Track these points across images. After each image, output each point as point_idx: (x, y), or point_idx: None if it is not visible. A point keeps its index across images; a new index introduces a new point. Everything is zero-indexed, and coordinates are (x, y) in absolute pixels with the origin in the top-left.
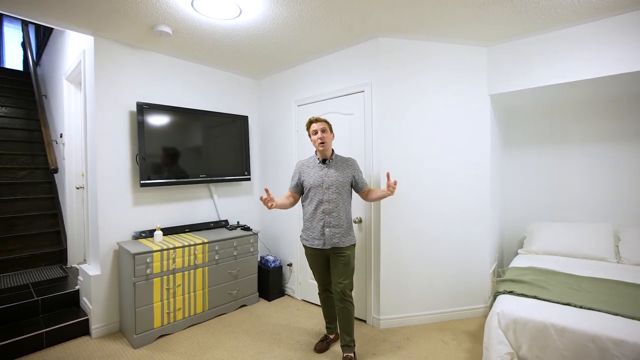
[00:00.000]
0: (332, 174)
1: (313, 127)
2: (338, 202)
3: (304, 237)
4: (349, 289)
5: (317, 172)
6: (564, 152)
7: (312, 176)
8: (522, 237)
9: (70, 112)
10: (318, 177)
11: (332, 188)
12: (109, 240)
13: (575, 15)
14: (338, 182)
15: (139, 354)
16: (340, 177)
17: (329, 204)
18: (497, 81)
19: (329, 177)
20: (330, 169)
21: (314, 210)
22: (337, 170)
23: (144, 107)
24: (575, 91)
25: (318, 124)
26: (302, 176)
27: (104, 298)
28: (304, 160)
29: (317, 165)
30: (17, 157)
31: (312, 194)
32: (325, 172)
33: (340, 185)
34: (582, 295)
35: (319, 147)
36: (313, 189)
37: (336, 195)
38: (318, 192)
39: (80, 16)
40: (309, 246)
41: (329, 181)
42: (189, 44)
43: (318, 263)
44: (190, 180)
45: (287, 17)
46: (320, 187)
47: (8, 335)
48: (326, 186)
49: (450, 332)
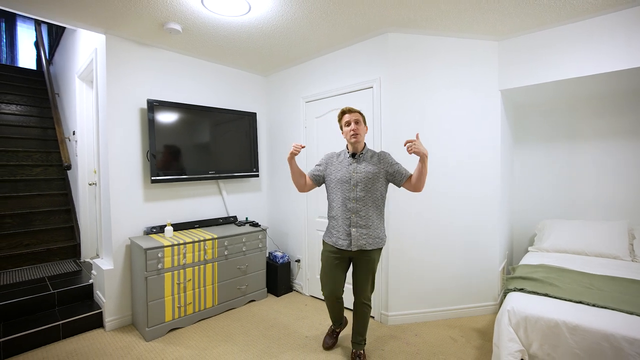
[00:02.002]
0: (362, 169)
1: (346, 118)
2: (367, 200)
3: (328, 233)
4: (371, 293)
5: (345, 166)
6: (576, 148)
7: (340, 170)
8: (533, 234)
9: (82, 110)
10: (346, 172)
11: (361, 185)
12: (121, 236)
13: (591, 7)
14: (367, 178)
15: (151, 347)
16: (370, 174)
17: (357, 202)
18: (508, 76)
19: (357, 172)
20: (361, 164)
21: (340, 207)
22: (367, 166)
23: (154, 104)
24: (588, 86)
25: (352, 114)
26: (328, 168)
27: (116, 292)
28: (335, 152)
29: (346, 159)
30: (32, 154)
31: (338, 190)
32: (354, 168)
33: (370, 182)
34: (595, 294)
35: (351, 139)
36: (340, 184)
37: (364, 192)
38: (345, 188)
39: (92, 15)
40: (331, 244)
41: (358, 177)
42: (198, 41)
43: (336, 266)
44: (200, 176)
45: (296, 14)
46: (347, 183)
47: (27, 327)
48: (354, 182)
49: (459, 329)
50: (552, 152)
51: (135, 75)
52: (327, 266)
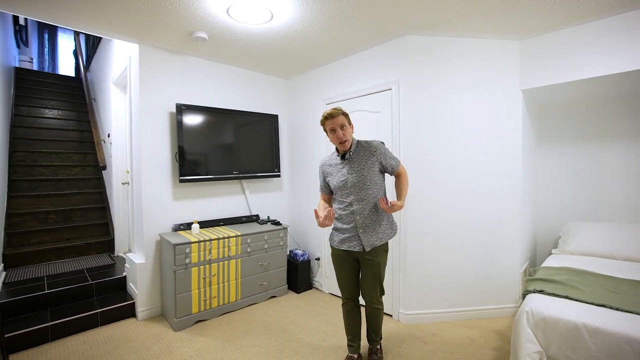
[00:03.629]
0: (355, 169)
1: (329, 125)
2: (368, 199)
3: (333, 237)
4: (381, 296)
5: (338, 170)
6: (602, 148)
7: (335, 177)
8: (557, 237)
9: (116, 114)
10: (341, 176)
11: (358, 185)
12: (152, 232)
13: (616, 4)
14: (362, 176)
15: (179, 336)
16: (364, 171)
17: (359, 204)
18: (529, 76)
19: (351, 174)
20: (352, 164)
21: (342, 211)
22: (360, 163)
23: (182, 108)
24: (613, 84)
25: (334, 120)
26: (326, 177)
27: (147, 284)
28: (326, 159)
29: (338, 163)
30: (71, 155)
31: (339, 196)
32: (347, 170)
33: (367, 180)
34: (620, 298)
35: (340, 146)
36: (338, 190)
37: (364, 191)
38: (344, 193)
39: (127, 26)
40: (337, 248)
41: (353, 179)
42: (223, 47)
43: (346, 267)
44: (224, 176)
45: (316, 19)
46: (344, 187)
47: (70, 313)
48: (351, 185)
49: (477, 329)
50: (577, 152)
51: (165, 81)
52: (340, 269)
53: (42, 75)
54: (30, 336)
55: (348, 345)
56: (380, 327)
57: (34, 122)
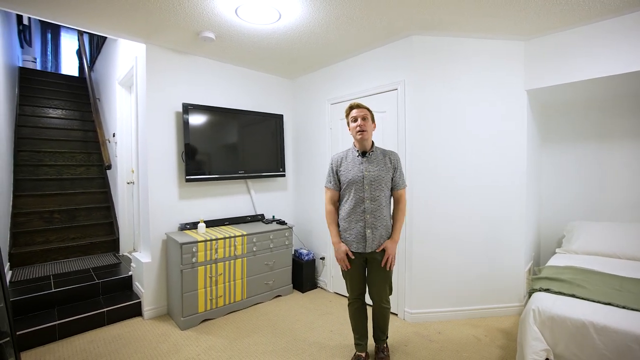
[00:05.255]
0: (374, 168)
1: (352, 114)
2: (381, 200)
3: (341, 238)
4: (389, 295)
5: (356, 165)
6: (606, 148)
7: (350, 171)
8: (561, 236)
9: (122, 114)
10: (358, 171)
11: (375, 184)
12: (158, 231)
13: (621, 5)
14: (380, 177)
15: (186, 335)
16: (382, 172)
17: (371, 203)
18: (534, 76)
19: (370, 172)
20: (371, 163)
21: (353, 209)
22: (378, 164)
23: (189, 107)
24: (617, 85)
25: (358, 110)
26: (339, 170)
27: (154, 283)
28: (340, 152)
29: (355, 158)
30: (76, 155)
31: (351, 191)
32: (365, 167)
33: (382, 181)
34: (625, 296)
35: (357, 135)
36: (352, 185)
37: (379, 192)
38: (358, 188)
39: (134, 26)
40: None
41: (371, 176)
42: (229, 47)
43: (355, 268)
44: (230, 176)
45: (323, 20)
46: (360, 183)
47: (77, 312)
48: (367, 182)
49: (483, 328)
50: (581, 152)
51: (171, 81)
52: (350, 270)
53: (45, 75)
54: (38, 335)
55: (355, 344)
56: (387, 326)
57: (38, 121)
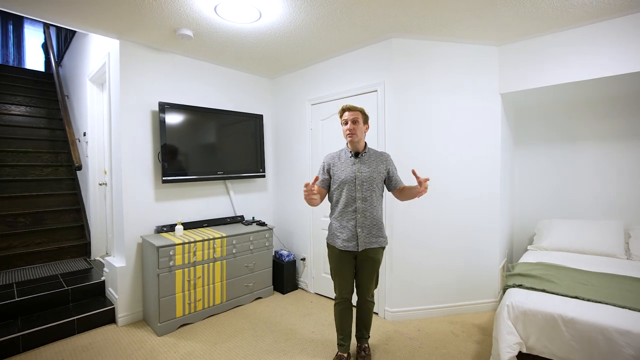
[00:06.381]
0: (365, 169)
1: (344, 116)
2: (372, 199)
3: (332, 236)
4: (374, 290)
5: (348, 166)
6: (575, 149)
7: (343, 171)
8: (532, 233)
9: (93, 112)
10: (350, 171)
11: (366, 184)
12: (133, 234)
13: (587, 15)
14: (372, 177)
15: (163, 341)
16: (374, 173)
17: (363, 203)
18: (508, 80)
19: (362, 172)
20: (364, 163)
21: (344, 208)
22: (370, 165)
23: (165, 106)
24: (586, 89)
25: (350, 113)
26: (332, 169)
27: (128, 288)
28: (334, 152)
29: (348, 158)
30: (42, 154)
31: (343, 191)
32: (357, 167)
33: (374, 182)
34: (590, 289)
35: (347, 137)
36: (344, 184)
37: (370, 192)
38: (350, 188)
39: (107, 21)
40: (336, 247)
41: (362, 177)
42: (208, 46)
43: (346, 266)
44: (208, 177)
45: (304, 20)
46: (352, 182)
47: (43, 321)
48: (359, 182)
49: (460, 324)
50: (551, 153)
51: (147, 79)
52: (337, 268)
53: (7, 69)
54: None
55: (338, 344)
56: (371, 323)
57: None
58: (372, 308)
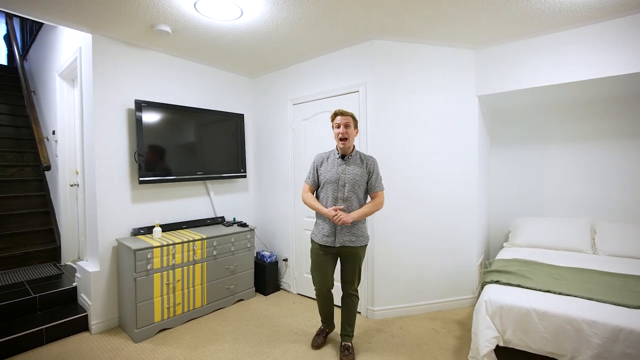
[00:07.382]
0: (350, 171)
1: (337, 120)
2: (353, 200)
3: (315, 232)
4: (357, 285)
5: (334, 167)
6: (547, 150)
7: (329, 171)
8: (508, 231)
9: (63, 109)
10: (335, 172)
11: (348, 186)
12: (108, 237)
13: (557, 23)
14: (355, 180)
15: (140, 348)
16: (357, 175)
17: (344, 202)
18: (484, 83)
19: (346, 174)
20: (349, 165)
21: (327, 206)
22: (355, 168)
23: (142, 104)
24: (557, 93)
25: (342, 117)
26: (320, 168)
27: (102, 294)
28: (324, 153)
29: (336, 160)
30: (5, 154)
31: (327, 190)
32: (343, 169)
33: (357, 184)
34: (562, 283)
35: (340, 142)
36: (328, 184)
37: (351, 193)
38: (334, 188)
39: (78, 14)
40: (317, 242)
41: (346, 178)
42: (187, 43)
43: (324, 261)
44: (188, 177)
45: (286, 19)
46: (336, 183)
47: (8, 332)
48: (342, 183)
49: (440, 321)
50: (525, 154)
51: (122, 76)
52: (316, 262)
53: None
54: None
55: (322, 323)
56: (355, 320)
57: None
58: (356, 302)
